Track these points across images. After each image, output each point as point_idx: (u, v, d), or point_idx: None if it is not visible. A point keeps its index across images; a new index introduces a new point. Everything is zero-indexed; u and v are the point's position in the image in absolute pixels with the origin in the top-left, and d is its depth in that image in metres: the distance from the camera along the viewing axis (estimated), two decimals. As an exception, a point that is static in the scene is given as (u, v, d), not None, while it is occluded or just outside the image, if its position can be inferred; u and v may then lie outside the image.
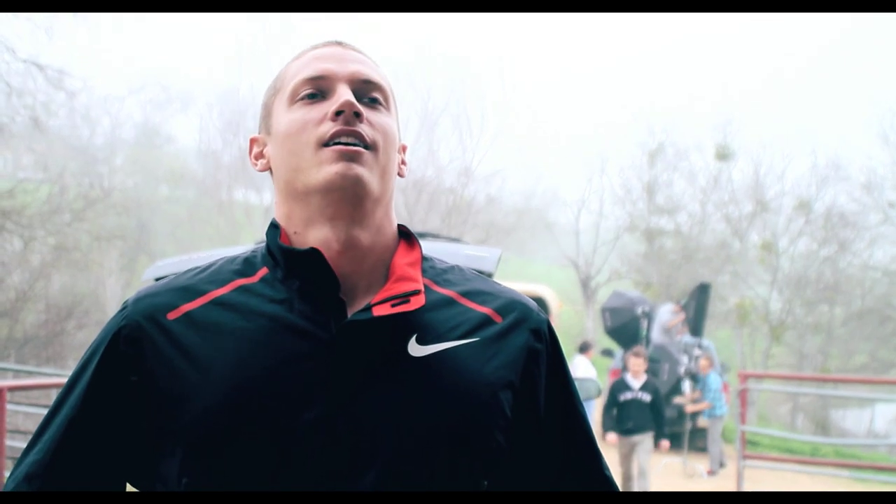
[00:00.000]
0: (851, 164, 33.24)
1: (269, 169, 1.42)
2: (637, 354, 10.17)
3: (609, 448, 9.29)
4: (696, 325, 15.81)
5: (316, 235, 1.34)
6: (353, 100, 1.33)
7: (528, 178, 42.37)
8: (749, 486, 10.29)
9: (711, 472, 13.30)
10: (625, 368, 14.59)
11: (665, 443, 10.22)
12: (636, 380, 9.96)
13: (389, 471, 1.26)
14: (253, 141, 1.46)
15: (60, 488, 1.31)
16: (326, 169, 1.30)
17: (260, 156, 1.44)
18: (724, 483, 11.23)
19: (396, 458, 1.26)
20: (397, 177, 1.44)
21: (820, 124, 40.40)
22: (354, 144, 1.31)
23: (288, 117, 1.36)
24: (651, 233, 34.28)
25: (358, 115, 1.32)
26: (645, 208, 35.14)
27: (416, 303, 1.33)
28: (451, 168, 36.14)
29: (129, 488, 1.39)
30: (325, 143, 1.31)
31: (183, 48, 59.16)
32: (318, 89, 1.36)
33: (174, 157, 41.38)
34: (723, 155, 33.93)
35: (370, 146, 1.33)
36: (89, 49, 34.15)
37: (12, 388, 8.70)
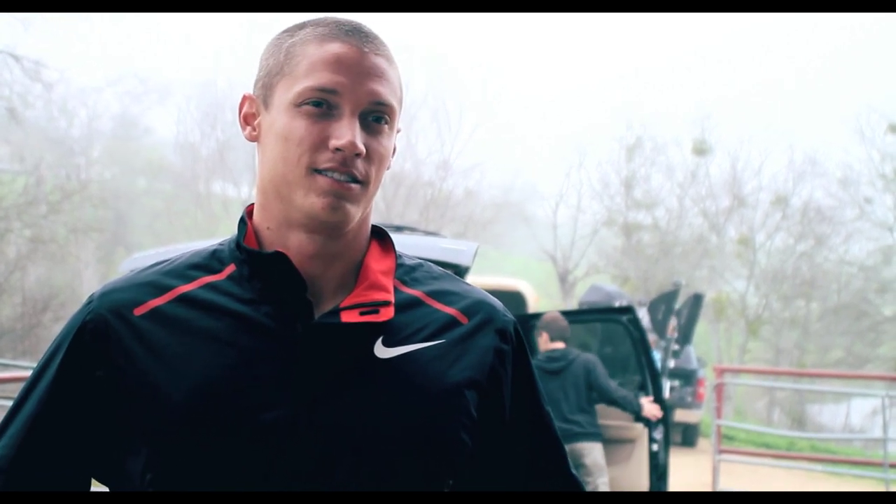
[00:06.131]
0: (828, 160, 33.45)
1: (257, 140, 1.37)
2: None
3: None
4: (686, 333, 15.88)
5: (289, 238, 1.34)
6: (357, 140, 1.27)
7: (507, 171, 42.44)
8: (725, 481, 10.33)
9: None
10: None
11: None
12: None
13: (355, 472, 1.26)
14: (246, 98, 1.39)
15: (26, 484, 1.29)
16: (313, 200, 1.28)
17: (251, 118, 1.38)
18: (700, 477, 11.25)
19: (362, 459, 1.27)
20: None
21: (797, 120, 40.64)
22: (347, 181, 1.28)
23: (287, 120, 1.30)
24: (629, 227, 34.31)
25: (358, 155, 1.28)
26: (623, 203, 35.15)
27: (385, 315, 1.33)
28: (429, 161, 36.16)
29: (95, 484, 1.38)
30: (318, 171, 1.28)
31: (161, 39, 58.83)
32: (325, 101, 1.28)
33: (152, 149, 41.10)
34: (700, 150, 34.06)
35: (362, 181, 1.30)
36: (66, 40, 33.94)
37: (-13, 382, 8.65)
